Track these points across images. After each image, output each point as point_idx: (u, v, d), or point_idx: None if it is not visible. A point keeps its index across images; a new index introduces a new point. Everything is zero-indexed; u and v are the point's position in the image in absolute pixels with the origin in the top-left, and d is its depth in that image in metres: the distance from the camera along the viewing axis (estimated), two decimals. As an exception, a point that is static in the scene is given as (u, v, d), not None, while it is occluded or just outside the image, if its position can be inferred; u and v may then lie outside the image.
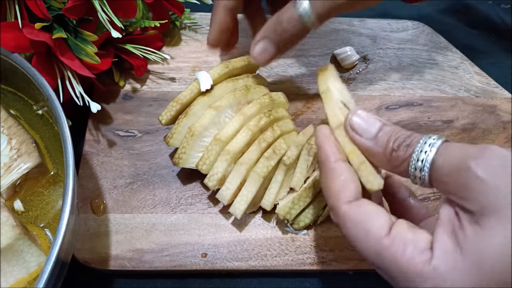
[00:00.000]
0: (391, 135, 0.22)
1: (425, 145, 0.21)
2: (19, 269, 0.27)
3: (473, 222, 0.18)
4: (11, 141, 0.30)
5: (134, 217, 0.33)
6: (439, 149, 0.20)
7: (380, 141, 0.23)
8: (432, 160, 0.20)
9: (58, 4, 0.32)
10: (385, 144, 0.22)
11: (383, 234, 0.21)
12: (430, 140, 0.21)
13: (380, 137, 0.23)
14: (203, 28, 0.43)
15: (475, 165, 0.18)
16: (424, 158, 0.21)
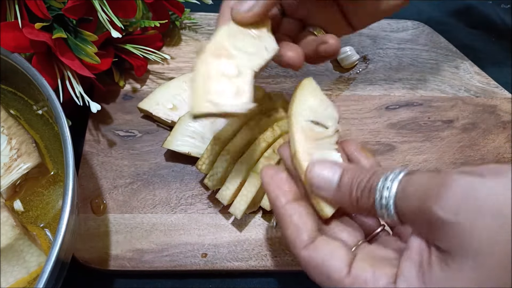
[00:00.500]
0: (352, 183, 0.21)
1: (384, 190, 0.20)
2: (19, 269, 0.27)
3: (443, 260, 0.18)
4: (11, 141, 0.30)
5: (134, 217, 0.33)
6: (399, 189, 0.19)
7: (342, 192, 0.22)
8: (394, 202, 0.19)
9: (58, 4, 0.32)
10: (349, 195, 0.21)
11: (343, 276, 0.20)
12: (387, 182, 0.20)
13: (342, 188, 0.22)
14: (203, 28, 0.43)
15: (437, 208, 0.17)
16: (385, 202, 0.20)
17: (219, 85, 0.24)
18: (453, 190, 0.17)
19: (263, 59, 0.26)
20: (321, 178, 0.22)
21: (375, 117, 0.39)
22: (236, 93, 0.24)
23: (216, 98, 0.23)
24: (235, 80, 0.24)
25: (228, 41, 0.26)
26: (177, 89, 0.37)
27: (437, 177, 0.18)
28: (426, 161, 0.37)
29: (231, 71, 0.25)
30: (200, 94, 0.23)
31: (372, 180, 0.21)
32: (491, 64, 0.45)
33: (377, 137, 0.38)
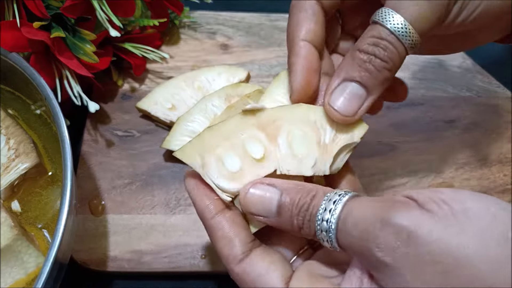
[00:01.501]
0: (292, 210, 0.19)
1: (323, 223, 0.18)
2: (17, 270, 0.26)
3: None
4: (9, 141, 0.30)
5: (133, 218, 0.33)
6: (340, 223, 0.18)
7: (284, 219, 0.20)
8: (335, 235, 0.18)
9: (57, 3, 0.32)
10: (290, 223, 0.19)
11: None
12: (326, 214, 0.18)
13: (282, 214, 0.20)
14: (202, 27, 0.43)
15: (376, 249, 0.16)
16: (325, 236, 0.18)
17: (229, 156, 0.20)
18: (393, 230, 0.16)
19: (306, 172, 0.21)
20: (257, 202, 0.20)
21: (376, 117, 0.39)
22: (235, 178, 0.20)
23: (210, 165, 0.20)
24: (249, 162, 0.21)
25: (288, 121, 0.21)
26: (176, 89, 0.37)
27: (378, 213, 0.17)
28: (428, 162, 0.37)
29: (256, 153, 0.21)
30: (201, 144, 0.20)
31: (313, 205, 0.19)
32: (493, 64, 0.45)
33: (378, 137, 0.38)
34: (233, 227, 0.20)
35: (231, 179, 0.20)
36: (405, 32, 0.20)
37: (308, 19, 0.22)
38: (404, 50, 0.21)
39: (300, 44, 0.22)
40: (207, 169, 0.20)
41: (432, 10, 0.20)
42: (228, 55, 0.41)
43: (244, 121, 0.21)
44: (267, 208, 0.20)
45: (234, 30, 0.42)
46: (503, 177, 0.37)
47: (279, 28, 0.43)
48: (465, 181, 0.36)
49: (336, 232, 0.18)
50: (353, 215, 0.18)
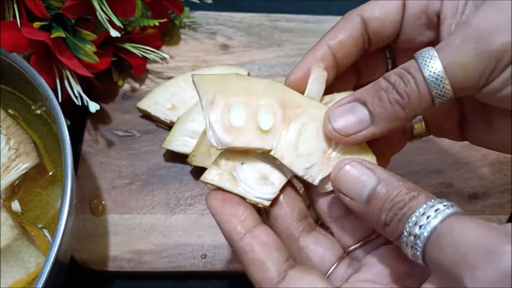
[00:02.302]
0: (384, 203, 0.18)
1: (415, 228, 0.16)
2: (17, 270, 0.27)
3: None
4: (10, 141, 0.30)
5: (133, 217, 0.33)
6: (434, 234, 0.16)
7: (371, 209, 0.18)
8: (424, 246, 0.16)
9: (57, 3, 0.32)
10: (377, 216, 0.18)
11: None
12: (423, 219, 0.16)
13: (372, 204, 0.18)
14: (202, 27, 0.43)
15: (468, 280, 0.14)
16: (412, 242, 0.16)
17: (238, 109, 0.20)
18: (497, 265, 0.14)
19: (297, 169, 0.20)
20: (350, 182, 0.19)
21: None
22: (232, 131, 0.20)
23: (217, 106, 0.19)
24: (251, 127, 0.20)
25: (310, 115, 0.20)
26: (176, 89, 0.37)
27: (485, 240, 0.15)
28: (428, 162, 0.37)
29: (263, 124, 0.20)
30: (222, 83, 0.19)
31: (410, 206, 0.17)
32: None
33: (378, 137, 0.38)
34: (265, 248, 0.18)
35: (227, 130, 0.20)
36: (437, 79, 0.18)
37: (344, 29, 0.21)
38: (427, 94, 0.18)
39: (322, 45, 0.22)
40: (212, 108, 0.20)
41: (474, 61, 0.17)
42: (228, 55, 0.41)
43: (271, 89, 0.21)
44: (358, 192, 0.18)
45: (234, 30, 0.42)
46: (503, 177, 0.37)
47: (279, 28, 0.43)
48: (465, 181, 0.36)
49: (425, 242, 0.16)
50: (454, 232, 0.16)
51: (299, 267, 0.19)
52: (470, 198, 0.35)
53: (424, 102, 0.18)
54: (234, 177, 0.20)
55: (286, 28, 0.43)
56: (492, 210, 0.35)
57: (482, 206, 0.35)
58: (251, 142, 0.20)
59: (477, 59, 0.17)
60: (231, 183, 0.20)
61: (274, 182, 0.20)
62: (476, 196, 0.36)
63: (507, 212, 0.35)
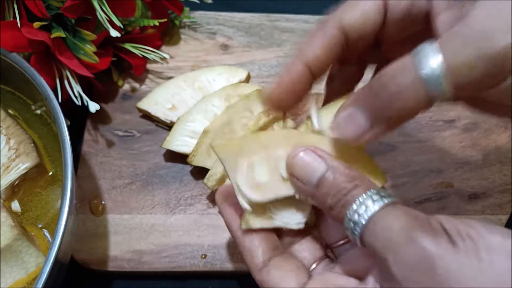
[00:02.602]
0: (331, 189, 0.19)
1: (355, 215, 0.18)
2: (17, 269, 0.27)
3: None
4: (10, 141, 0.30)
5: (133, 217, 0.33)
6: (369, 223, 0.18)
7: (319, 193, 0.20)
8: (361, 232, 0.18)
9: (57, 3, 0.32)
10: (324, 199, 0.20)
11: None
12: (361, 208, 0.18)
13: (321, 189, 0.20)
14: (202, 27, 0.43)
15: (392, 261, 0.16)
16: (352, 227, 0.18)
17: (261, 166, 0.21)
18: (414, 250, 0.16)
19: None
20: (302, 168, 0.20)
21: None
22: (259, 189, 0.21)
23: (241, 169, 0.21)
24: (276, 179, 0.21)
25: None
26: (176, 89, 0.37)
27: (408, 227, 0.17)
28: (427, 162, 0.37)
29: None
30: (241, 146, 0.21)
31: (352, 194, 0.19)
32: None
33: (378, 137, 0.38)
34: (256, 238, 0.22)
35: (255, 189, 0.21)
36: (437, 78, 0.16)
37: (320, 42, 0.21)
38: (424, 96, 0.17)
39: (297, 63, 0.21)
40: (237, 171, 0.21)
41: (479, 60, 0.16)
42: (228, 55, 0.41)
43: (288, 137, 0.22)
44: (309, 177, 0.20)
45: (234, 30, 0.42)
46: (503, 177, 0.37)
47: (279, 28, 0.43)
48: (465, 181, 0.36)
49: (363, 228, 0.18)
50: (385, 220, 0.18)
51: (282, 256, 0.21)
52: (470, 198, 0.35)
53: (420, 102, 0.17)
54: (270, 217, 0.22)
55: (286, 28, 0.43)
56: (492, 210, 0.35)
57: (482, 206, 0.35)
58: (278, 193, 0.21)
59: (483, 58, 0.16)
60: (269, 221, 0.22)
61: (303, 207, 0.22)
62: (476, 196, 0.36)
63: (507, 212, 0.35)
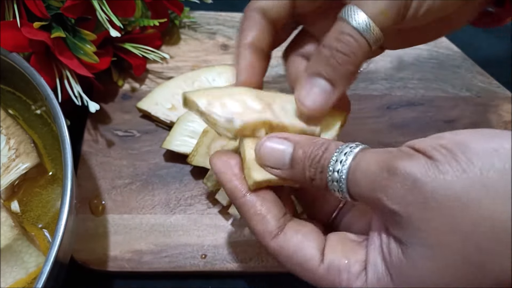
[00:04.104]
0: (305, 160, 0.20)
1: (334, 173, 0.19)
2: (18, 269, 0.27)
3: (399, 247, 0.18)
4: (10, 141, 0.30)
5: (133, 217, 0.33)
6: (350, 173, 0.18)
7: (296, 170, 0.20)
8: (347, 185, 0.19)
9: (57, 3, 0.32)
10: (302, 174, 0.20)
11: (317, 264, 0.20)
12: (338, 165, 0.19)
13: (295, 165, 0.20)
14: (202, 27, 0.43)
15: (385, 199, 0.17)
16: (337, 186, 0.19)
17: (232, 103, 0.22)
18: (400, 179, 0.16)
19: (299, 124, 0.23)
20: (272, 155, 0.21)
21: (376, 117, 0.39)
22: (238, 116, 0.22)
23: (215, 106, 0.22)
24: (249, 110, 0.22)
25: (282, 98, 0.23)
26: (176, 89, 0.37)
27: (384, 163, 0.17)
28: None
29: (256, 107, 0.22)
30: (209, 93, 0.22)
31: (324, 157, 0.19)
32: (493, 64, 0.45)
33: (378, 137, 0.38)
34: (265, 204, 0.21)
35: (234, 115, 0.21)
36: (367, 28, 0.21)
37: (252, 27, 0.24)
38: (366, 45, 0.21)
39: (244, 47, 0.24)
40: (212, 107, 0.21)
41: (389, 7, 0.21)
42: (228, 55, 0.41)
43: (247, 91, 0.23)
44: (281, 160, 0.20)
45: (234, 30, 0.42)
46: (503, 177, 0.37)
47: (279, 28, 0.43)
48: (465, 181, 0.36)
49: (346, 182, 0.19)
50: (361, 165, 0.18)
51: (296, 221, 0.21)
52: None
53: (365, 50, 0.21)
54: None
55: (286, 28, 0.43)
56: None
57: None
58: (257, 118, 0.22)
59: (390, 4, 0.21)
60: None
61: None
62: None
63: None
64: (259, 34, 0.24)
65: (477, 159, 0.15)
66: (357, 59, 0.21)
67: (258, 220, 0.21)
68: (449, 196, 0.16)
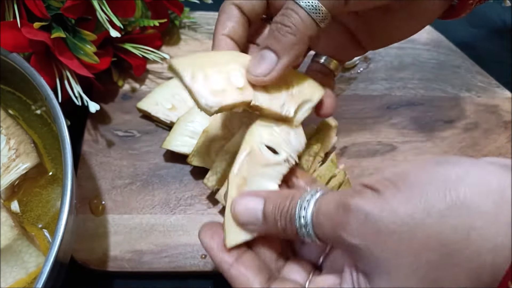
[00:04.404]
0: (275, 213, 0.21)
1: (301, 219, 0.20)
2: (18, 269, 0.27)
3: (367, 281, 0.19)
4: (10, 141, 0.30)
5: (133, 218, 0.33)
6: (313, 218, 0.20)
7: (269, 223, 0.22)
8: (313, 229, 0.20)
9: (57, 3, 0.32)
10: (275, 226, 0.21)
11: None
12: (302, 211, 0.20)
13: (267, 219, 0.22)
14: (202, 27, 0.43)
15: (345, 235, 0.18)
16: (305, 231, 0.20)
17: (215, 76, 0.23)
18: (354, 215, 0.18)
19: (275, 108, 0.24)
20: (246, 213, 0.22)
21: (376, 117, 0.39)
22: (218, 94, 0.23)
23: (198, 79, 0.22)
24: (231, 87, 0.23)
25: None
26: (176, 89, 0.37)
27: (340, 202, 0.19)
28: (427, 161, 0.37)
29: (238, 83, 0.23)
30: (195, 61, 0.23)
31: (291, 207, 0.21)
32: (493, 64, 0.45)
33: (378, 137, 0.38)
34: (248, 271, 0.22)
35: (214, 94, 0.22)
36: (312, 5, 0.22)
37: (228, 19, 0.26)
38: (309, 19, 0.22)
39: (220, 37, 0.26)
40: (195, 81, 0.22)
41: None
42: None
43: (234, 57, 0.25)
44: (254, 217, 0.22)
45: (234, 30, 0.43)
46: (503, 177, 0.37)
47: (279, 28, 0.43)
48: (465, 181, 0.36)
49: (312, 226, 0.20)
50: (322, 208, 0.20)
51: (279, 280, 0.22)
52: (470, 198, 0.35)
53: (310, 26, 0.23)
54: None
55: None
56: (492, 210, 0.35)
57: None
58: (235, 99, 0.23)
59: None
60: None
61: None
62: (476, 196, 0.36)
63: (507, 212, 0.35)
64: (235, 26, 0.26)
65: (417, 187, 0.17)
66: (299, 30, 0.23)
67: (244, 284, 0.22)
68: (396, 222, 0.17)
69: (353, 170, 0.36)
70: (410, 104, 0.40)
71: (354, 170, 0.36)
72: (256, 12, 0.26)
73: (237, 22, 0.26)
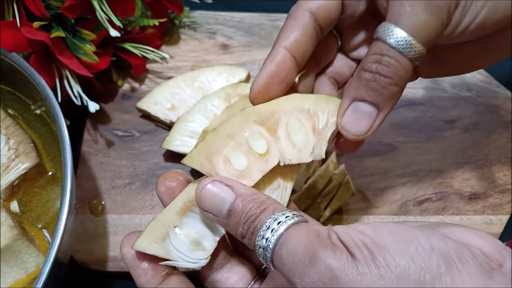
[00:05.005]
0: (240, 217, 0.19)
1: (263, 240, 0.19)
2: (17, 270, 0.26)
3: None
4: (9, 141, 0.30)
5: (133, 218, 0.33)
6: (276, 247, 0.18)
7: (231, 223, 0.20)
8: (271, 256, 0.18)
9: (57, 3, 0.32)
10: (235, 228, 0.20)
11: None
12: (268, 233, 0.18)
13: (231, 218, 0.20)
14: (202, 27, 0.43)
15: (299, 285, 0.17)
16: (263, 253, 0.19)
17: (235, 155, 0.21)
18: (318, 270, 0.16)
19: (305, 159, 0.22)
20: (211, 201, 0.20)
21: (376, 117, 0.39)
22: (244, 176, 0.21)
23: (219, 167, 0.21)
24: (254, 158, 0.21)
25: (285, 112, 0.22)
26: (176, 89, 0.37)
27: (310, 248, 0.17)
28: (428, 162, 0.37)
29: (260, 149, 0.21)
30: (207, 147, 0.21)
31: (258, 220, 0.19)
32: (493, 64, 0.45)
33: (378, 137, 0.38)
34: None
35: (241, 177, 0.21)
36: (407, 44, 0.19)
37: (296, 28, 0.22)
38: (408, 62, 0.20)
39: (279, 49, 0.22)
40: (217, 171, 0.21)
41: (431, 18, 0.19)
42: (228, 55, 0.41)
43: (245, 119, 0.22)
44: (219, 208, 0.20)
45: (234, 30, 0.42)
46: (503, 177, 0.37)
47: (279, 28, 0.43)
48: (465, 181, 0.36)
49: (272, 254, 0.18)
50: (289, 243, 0.18)
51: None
52: (470, 198, 0.35)
53: (408, 69, 0.20)
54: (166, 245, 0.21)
55: (286, 28, 0.43)
56: (492, 210, 0.35)
57: (482, 206, 0.35)
58: (263, 170, 0.21)
59: (432, 16, 0.19)
60: (164, 250, 0.21)
61: (206, 246, 0.21)
62: (476, 196, 0.36)
63: (507, 212, 0.35)
64: (300, 40, 0.22)
65: (395, 267, 0.16)
66: (400, 79, 0.20)
67: None
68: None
69: (353, 170, 0.36)
70: (410, 104, 0.40)
71: (354, 170, 0.36)
72: (331, 22, 0.23)
73: (305, 33, 0.22)
